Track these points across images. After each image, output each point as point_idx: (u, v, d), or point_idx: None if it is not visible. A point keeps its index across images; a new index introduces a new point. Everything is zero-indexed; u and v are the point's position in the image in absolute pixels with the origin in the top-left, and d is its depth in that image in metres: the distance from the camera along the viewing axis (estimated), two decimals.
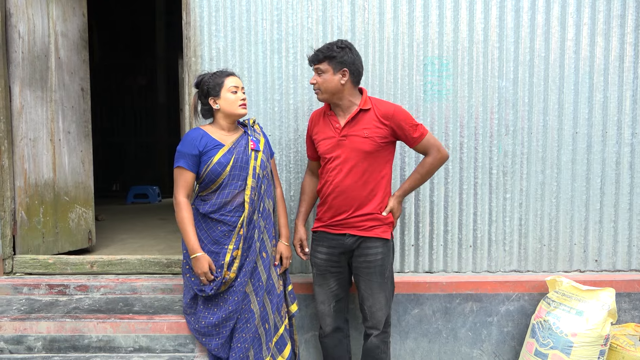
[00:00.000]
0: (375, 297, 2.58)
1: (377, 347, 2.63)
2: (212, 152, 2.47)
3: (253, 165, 2.52)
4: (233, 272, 2.46)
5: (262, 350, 2.52)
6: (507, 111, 3.10)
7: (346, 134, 2.52)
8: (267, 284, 2.58)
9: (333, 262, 2.64)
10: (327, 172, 2.59)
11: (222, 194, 2.49)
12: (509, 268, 3.17)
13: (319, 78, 2.51)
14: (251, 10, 3.05)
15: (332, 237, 2.61)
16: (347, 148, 2.52)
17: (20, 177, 3.25)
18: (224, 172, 2.47)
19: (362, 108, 2.51)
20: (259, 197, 2.53)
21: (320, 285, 2.70)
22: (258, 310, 2.52)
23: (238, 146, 2.53)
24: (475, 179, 3.12)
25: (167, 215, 6.16)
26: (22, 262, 3.20)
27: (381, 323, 2.62)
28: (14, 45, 3.20)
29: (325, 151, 2.59)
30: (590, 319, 2.67)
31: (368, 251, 2.56)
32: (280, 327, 2.64)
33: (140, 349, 2.69)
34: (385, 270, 2.59)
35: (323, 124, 2.63)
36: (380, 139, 2.51)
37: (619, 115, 3.10)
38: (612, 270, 3.17)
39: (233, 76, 2.54)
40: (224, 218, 2.48)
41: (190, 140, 2.50)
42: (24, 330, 2.67)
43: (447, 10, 3.06)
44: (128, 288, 3.06)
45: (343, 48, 2.48)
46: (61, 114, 3.53)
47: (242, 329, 2.50)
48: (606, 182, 3.13)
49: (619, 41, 3.08)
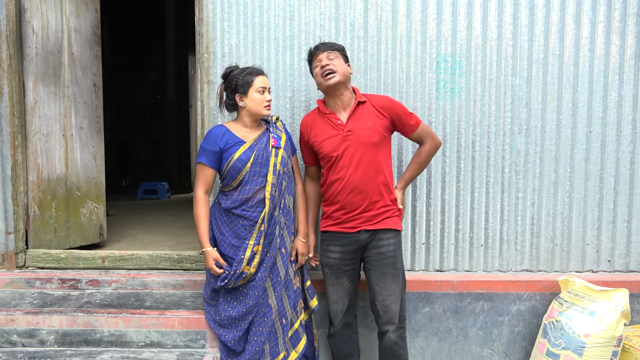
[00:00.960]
0: (388, 289, 2.57)
1: (395, 343, 2.60)
2: (233, 149, 2.50)
3: (274, 162, 2.53)
4: (254, 267, 2.48)
5: (278, 345, 2.54)
6: (520, 110, 3.07)
7: (351, 129, 2.54)
8: (286, 279, 2.59)
9: (347, 260, 2.63)
10: (336, 170, 2.57)
11: (244, 190, 2.51)
12: (520, 267, 3.15)
13: (334, 62, 2.54)
14: (264, 7, 3.05)
15: (346, 235, 2.60)
16: (355, 142, 2.53)
17: (33, 172, 3.27)
18: (244, 168, 2.48)
19: (359, 100, 2.58)
20: (279, 194, 2.55)
21: (333, 285, 2.68)
22: (275, 305, 2.53)
23: (259, 143, 2.55)
24: (488, 178, 3.11)
25: (177, 212, 6.19)
26: (34, 256, 3.23)
27: (396, 317, 2.59)
28: (28, 40, 3.22)
29: (331, 150, 2.56)
30: (603, 320, 2.65)
31: (381, 242, 2.57)
32: (296, 322, 2.65)
33: (152, 344, 2.70)
34: (397, 261, 2.60)
35: (321, 124, 2.62)
36: (383, 129, 2.58)
37: (634, 114, 3.07)
38: (625, 270, 3.14)
39: (262, 76, 2.56)
40: (245, 213, 2.51)
41: (212, 137, 2.54)
42: (36, 323, 2.69)
43: (460, 8, 3.04)
44: (139, 283, 3.07)
45: (344, 47, 2.65)
46: (74, 110, 3.55)
47: (260, 322, 2.51)
48: (620, 181, 3.10)
49: (635, 39, 3.04)
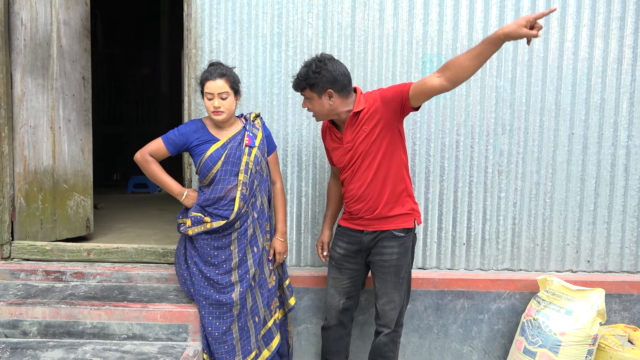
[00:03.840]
0: (388, 296, 2.59)
1: (385, 344, 2.64)
2: (204, 147, 2.53)
3: (246, 160, 2.54)
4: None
5: (250, 343, 2.56)
6: (504, 110, 3.11)
7: (349, 140, 2.51)
8: (260, 278, 2.61)
9: (350, 257, 2.66)
10: (344, 181, 2.61)
11: (216, 188, 2.53)
12: (501, 266, 3.19)
13: (309, 104, 2.51)
14: (252, 4, 3.07)
15: (352, 232, 2.63)
16: (355, 153, 2.49)
17: (19, 164, 3.28)
18: (215, 167, 2.51)
19: (355, 111, 2.47)
20: (250, 193, 2.56)
21: (334, 278, 2.71)
22: (250, 302, 2.55)
23: (232, 142, 2.56)
24: (471, 177, 3.14)
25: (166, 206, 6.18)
26: (19, 248, 3.24)
27: (392, 322, 2.62)
28: (16, 32, 3.22)
29: (337, 161, 2.63)
30: (579, 319, 2.70)
31: (383, 250, 2.56)
32: (269, 320, 2.67)
33: (134, 337, 2.72)
34: (400, 270, 2.57)
35: (329, 135, 2.67)
36: (380, 128, 2.42)
37: (615, 118, 3.11)
38: (603, 271, 3.19)
39: (211, 81, 2.47)
40: (217, 212, 2.52)
41: (185, 130, 2.60)
42: (19, 315, 2.71)
43: (447, 9, 3.06)
44: (124, 276, 3.09)
45: (319, 71, 2.39)
46: (62, 102, 3.55)
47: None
48: (601, 183, 3.14)
49: (617, 43, 3.08)
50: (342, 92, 2.46)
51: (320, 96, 2.44)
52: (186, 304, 2.76)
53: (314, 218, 3.15)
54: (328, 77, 2.40)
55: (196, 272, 2.58)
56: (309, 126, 3.11)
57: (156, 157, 2.60)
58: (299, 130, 3.11)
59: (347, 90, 2.48)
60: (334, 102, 2.45)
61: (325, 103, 2.45)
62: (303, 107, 2.56)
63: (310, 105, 2.50)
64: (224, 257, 2.53)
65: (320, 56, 2.46)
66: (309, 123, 3.11)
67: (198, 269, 2.57)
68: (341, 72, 2.44)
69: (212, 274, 2.53)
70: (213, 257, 2.54)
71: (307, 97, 2.49)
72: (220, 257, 2.53)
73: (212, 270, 2.54)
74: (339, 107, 2.47)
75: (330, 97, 2.44)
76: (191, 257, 2.61)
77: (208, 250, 2.54)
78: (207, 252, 2.54)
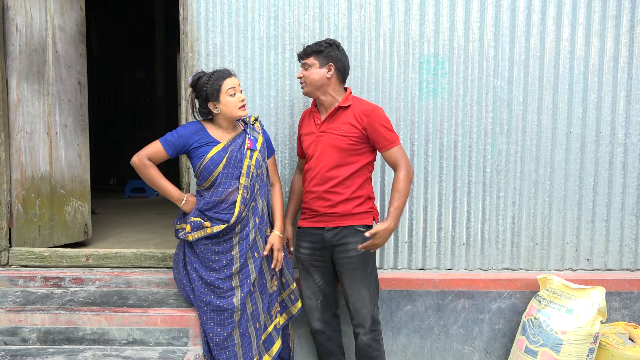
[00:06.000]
0: (358, 293, 2.60)
1: (368, 345, 2.65)
2: (205, 149, 2.50)
3: (247, 164, 2.53)
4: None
5: (251, 349, 2.54)
6: (501, 110, 3.11)
7: (324, 130, 2.59)
8: (260, 283, 2.60)
9: (316, 256, 2.69)
10: (306, 169, 2.67)
11: (217, 192, 2.51)
12: (501, 266, 3.19)
13: (306, 72, 2.59)
14: (248, 7, 3.06)
15: (313, 231, 2.67)
16: (324, 144, 2.59)
17: (16, 170, 3.26)
18: (216, 169, 2.49)
19: (341, 105, 2.57)
20: (251, 196, 2.55)
21: (305, 279, 2.75)
22: (251, 308, 2.54)
23: (234, 144, 2.55)
24: (469, 177, 3.14)
25: (164, 210, 6.17)
26: (17, 255, 3.22)
27: (367, 321, 2.61)
28: (12, 38, 3.21)
29: (306, 147, 2.68)
30: (580, 317, 2.70)
31: (348, 246, 2.59)
32: (270, 326, 2.66)
33: (134, 342, 2.71)
34: (367, 265, 2.61)
35: (307, 120, 2.73)
36: (355, 137, 2.55)
37: (612, 116, 3.12)
38: (603, 269, 3.20)
39: (230, 77, 2.52)
40: (218, 216, 2.51)
41: (185, 132, 2.56)
42: (18, 322, 2.69)
43: (443, 9, 3.07)
44: (123, 281, 3.08)
45: (330, 45, 2.58)
46: (58, 108, 3.54)
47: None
48: (599, 181, 3.15)
49: (613, 42, 3.09)
50: (340, 75, 2.61)
51: (321, 66, 2.56)
52: (186, 308, 2.74)
53: None
54: (336, 54, 2.58)
55: (196, 278, 2.56)
56: None
57: (154, 161, 2.56)
58: (297, 132, 3.09)
59: (343, 79, 2.66)
60: (331, 78, 2.57)
61: (323, 74, 2.56)
62: (298, 76, 2.64)
63: (307, 72, 2.58)
64: (225, 262, 2.52)
65: (333, 39, 2.66)
66: None
67: (198, 274, 2.55)
68: (346, 60, 2.65)
69: (213, 279, 2.51)
70: (214, 262, 2.52)
71: (308, 64, 2.58)
72: (221, 262, 2.52)
73: (213, 275, 2.52)
74: (330, 87, 2.59)
75: (329, 70, 2.56)
76: (191, 262, 2.58)
77: (209, 255, 2.52)
78: (209, 257, 2.53)
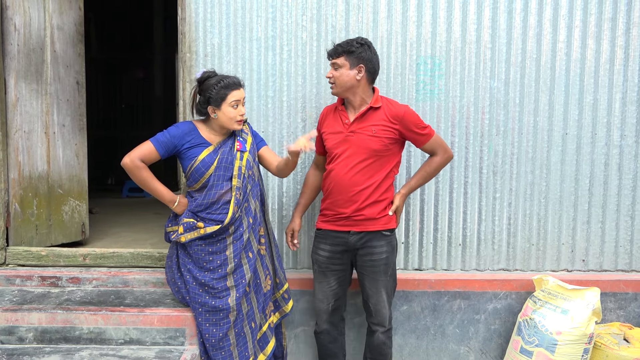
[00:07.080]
0: (379, 294, 2.63)
1: (383, 342, 2.69)
2: (196, 150, 2.50)
3: (238, 165, 2.53)
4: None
5: (247, 349, 2.55)
6: (498, 111, 3.13)
7: (354, 130, 2.55)
8: (254, 283, 2.61)
9: (335, 259, 2.67)
10: (332, 167, 2.61)
11: (209, 194, 2.51)
12: (497, 267, 3.21)
13: (336, 72, 2.53)
14: (246, 7, 3.07)
15: (336, 234, 2.64)
16: (354, 144, 2.54)
17: (14, 169, 3.27)
18: (207, 171, 2.49)
19: (372, 106, 2.54)
20: (244, 197, 2.56)
21: (320, 282, 2.72)
22: (246, 308, 2.55)
23: (224, 146, 2.55)
24: (466, 178, 3.16)
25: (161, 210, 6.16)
26: (15, 254, 3.22)
27: (386, 320, 2.66)
28: (10, 37, 3.21)
29: (332, 146, 2.61)
30: (575, 318, 2.71)
31: (373, 250, 2.59)
32: (264, 325, 2.67)
33: (131, 341, 2.71)
34: (389, 268, 2.63)
35: (333, 118, 2.66)
36: (387, 139, 2.54)
37: (608, 117, 3.13)
38: (599, 270, 3.21)
39: (238, 89, 2.48)
40: (211, 216, 2.51)
41: (177, 132, 2.53)
42: (15, 321, 2.70)
43: (440, 11, 3.08)
44: (120, 281, 3.08)
45: (362, 44, 2.51)
46: (56, 107, 3.54)
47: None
48: (595, 183, 3.16)
49: (609, 44, 3.11)
50: (370, 76, 2.56)
51: (352, 67, 2.50)
52: (183, 308, 2.75)
53: (310, 220, 3.15)
54: (367, 55, 2.52)
55: (190, 279, 2.56)
56: (304, 129, 3.11)
57: (146, 162, 2.50)
58: (294, 132, 3.11)
59: (373, 80, 2.60)
60: (361, 80, 2.52)
61: (353, 76, 2.51)
62: (327, 76, 2.57)
63: (337, 73, 2.52)
64: (219, 262, 2.52)
65: (365, 38, 2.58)
66: (304, 126, 3.12)
67: (192, 276, 2.55)
68: (377, 60, 2.59)
69: (207, 279, 2.51)
70: (208, 263, 2.53)
71: (338, 64, 2.52)
72: (215, 262, 2.52)
73: (207, 275, 2.52)
74: (359, 88, 2.54)
75: (360, 72, 2.51)
76: (184, 264, 2.58)
77: (203, 256, 2.53)
78: (202, 257, 2.53)
